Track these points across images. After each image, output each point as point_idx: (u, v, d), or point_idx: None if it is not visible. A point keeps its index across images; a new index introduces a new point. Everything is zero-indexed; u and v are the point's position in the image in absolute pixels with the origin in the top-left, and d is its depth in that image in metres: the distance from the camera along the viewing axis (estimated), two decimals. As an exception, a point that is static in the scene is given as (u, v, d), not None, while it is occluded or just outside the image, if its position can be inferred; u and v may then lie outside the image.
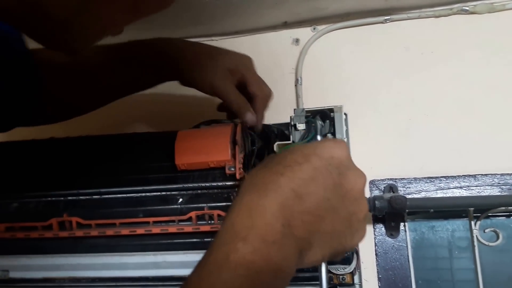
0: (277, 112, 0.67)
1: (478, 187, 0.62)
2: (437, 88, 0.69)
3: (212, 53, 0.55)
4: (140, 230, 0.49)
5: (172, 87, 0.74)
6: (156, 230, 0.49)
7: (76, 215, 0.50)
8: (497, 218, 0.64)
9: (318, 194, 0.28)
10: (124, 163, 0.54)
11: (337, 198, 0.28)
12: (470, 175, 0.63)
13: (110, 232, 0.49)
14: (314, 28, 0.76)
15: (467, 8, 0.69)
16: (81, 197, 0.52)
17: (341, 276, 0.50)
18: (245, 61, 0.57)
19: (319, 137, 0.43)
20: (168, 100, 0.76)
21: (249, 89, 0.55)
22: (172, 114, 0.75)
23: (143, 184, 0.51)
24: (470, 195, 0.62)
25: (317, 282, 0.48)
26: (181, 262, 0.49)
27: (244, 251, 0.25)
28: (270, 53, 0.76)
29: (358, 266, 0.51)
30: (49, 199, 0.53)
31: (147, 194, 0.51)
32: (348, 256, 0.49)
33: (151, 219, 0.49)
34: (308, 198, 0.27)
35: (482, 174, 0.63)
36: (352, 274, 0.51)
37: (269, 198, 0.27)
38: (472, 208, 0.62)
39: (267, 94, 0.58)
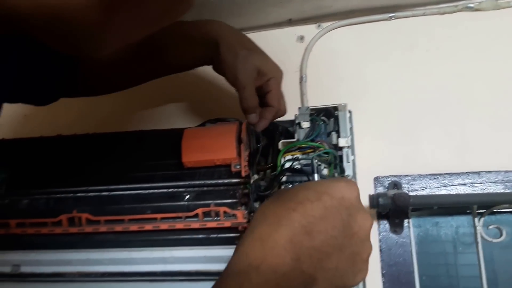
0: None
1: (482, 184, 0.63)
2: (441, 85, 0.69)
3: (251, 48, 0.56)
4: (148, 226, 0.50)
5: (177, 85, 0.75)
6: (163, 226, 0.50)
7: (85, 212, 0.51)
8: (501, 214, 0.64)
9: (326, 232, 0.29)
10: (132, 160, 0.55)
11: (344, 237, 0.29)
12: (474, 172, 0.63)
13: (118, 228, 0.50)
14: (318, 26, 0.76)
15: (472, 5, 0.69)
16: (90, 194, 0.53)
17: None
18: (277, 71, 0.58)
19: (316, 176, 0.43)
20: (174, 98, 0.77)
21: (268, 97, 0.57)
22: (178, 111, 0.76)
23: (151, 181, 0.52)
24: (474, 192, 0.62)
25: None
26: (188, 258, 0.50)
27: (257, 281, 0.27)
28: (275, 51, 0.76)
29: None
30: (59, 195, 0.54)
31: (155, 191, 0.52)
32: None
33: (158, 216, 0.50)
34: (317, 235, 0.28)
35: (486, 171, 0.63)
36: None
37: (281, 231, 0.28)
38: (476, 205, 0.62)
39: (282, 111, 0.59)
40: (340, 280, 0.29)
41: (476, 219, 0.63)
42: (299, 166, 0.50)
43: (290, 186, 0.48)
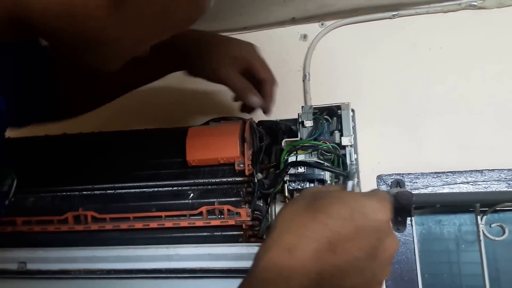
0: (285, 108, 0.68)
1: (485, 182, 0.63)
2: (444, 84, 0.69)
3: (217, 41, 0.56)
4: (153, 224, 0.50)
5: (182, 83, 0.75)
6: (168, 224, 0.50)
7: (91, 209, 0.52)
8: (504, 212, 0.64)
9: (351, 253, 0.28)
10: (137, 158, 0.56)
11: (367, 259, 0.29)
12: (477, 170, 0.63)
13: (124, 225, 0.51)
14: (322, 24, 0.76)
15: (475, 3, 0.69)
16: (95, 192, 0.54)
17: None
18: (250, 48, 0.57)
19: (350, 185, 0.37)
20: (179, 97, 0.77)
21: (256, 74, 0.55)
22: (182, 110, 0.76)
23: (155, 179, 0.53)
24: (477, 190, 0.63)
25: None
26: (192, 255, 0.50)
27: None
28: (278, 49, 0.77)
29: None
30: (64, 193, 0.55)
31: (160, 189, 0.52)
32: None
33: (163, 213, 0.50)
34: (342, 254, 0.28)
35: (489, 169, 0.63)
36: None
37: (308, 244, 0.28)
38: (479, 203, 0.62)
39: (274, 79, 0.58)
40: None
41: (479, 217, 0.63)
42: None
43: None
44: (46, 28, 0.27)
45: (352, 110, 0.56)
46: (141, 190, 0.53)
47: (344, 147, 0.52)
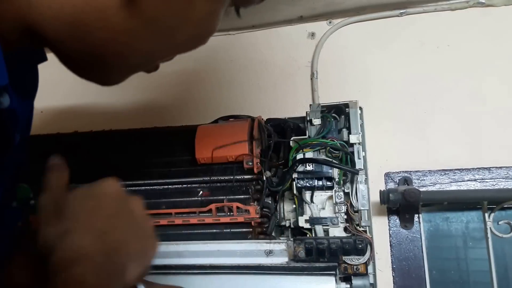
0: (293, 106, 0.69)
1: (492, 180, 0.63)
2: (452, 82, 0.69)
3: None
4: (163, 221, 0.51)
5: (191, 82, 0.76)
6: (178, 221, 0.51)
7: (103, 207, 0.53)
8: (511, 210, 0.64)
9: (116, 226, 0.31)
10: (147, 156, 0.56)
11: (130, 223, 0.32)
12: (484, 168, 0.64)
13: (134, 222, 0.52)
14: (329, 22, 0.76)
15: (483, 1, 0.69)
16: (106, 190, 0.55)
17: (355, 266, 0.52)
18: None
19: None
20: (187, 95, 0.78)
21: None
22: (191, 109, 0.77)
23: (165, 177, 0.54)
24: (484, 188, 0.63)
25: (332, 272, 0.50)
26: (202, 251, 0.51)
27: (77, 273, 0.28)
28: (286, 47, 0.77)
29: (372, 257, 0.53)
30: (76, 191, 0.56)
31: (170, 186, 0.53)
32: (362, 247, 0.51)
33: (173, 211, 0.51)
34: (113, 231, 0.31)
35: (496, 167, 0.63)
36: (366, 264, 0.52)
37: (83, 240, 0.30)
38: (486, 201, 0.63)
39: None
40: (144, 257, 0.32)
41: (486, 215, 0.63)
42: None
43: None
44: (56, 37, 0.28)
45: (360, 108, 0.56)
46: (151, 187, 0.54)
47: (352, 145, 0.53)
